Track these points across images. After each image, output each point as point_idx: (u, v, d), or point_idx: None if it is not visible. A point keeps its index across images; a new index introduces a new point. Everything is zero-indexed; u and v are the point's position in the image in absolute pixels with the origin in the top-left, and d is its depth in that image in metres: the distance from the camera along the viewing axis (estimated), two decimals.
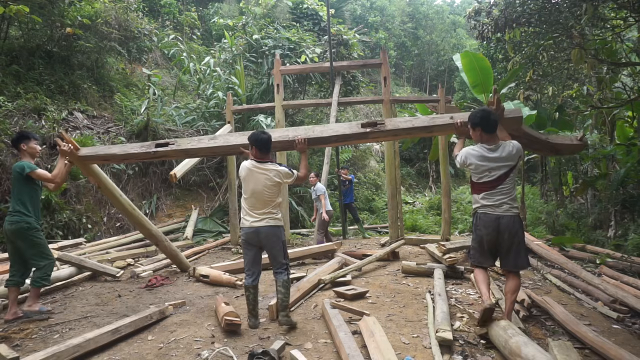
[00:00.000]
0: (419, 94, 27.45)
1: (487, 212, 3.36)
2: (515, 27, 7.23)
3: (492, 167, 3.34)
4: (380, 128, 3.84)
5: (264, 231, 3.65)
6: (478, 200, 3.44)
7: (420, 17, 30.19)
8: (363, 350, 3.00)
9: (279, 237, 3.70)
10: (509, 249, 3.33)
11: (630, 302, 4.03)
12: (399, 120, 4.02)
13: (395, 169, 8.01)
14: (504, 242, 3.32)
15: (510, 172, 3.35)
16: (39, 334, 3.64)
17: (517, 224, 3.33)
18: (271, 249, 3.70)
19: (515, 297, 3.37)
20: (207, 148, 4.13)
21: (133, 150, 4.18)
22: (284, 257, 3.73)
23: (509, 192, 3.34)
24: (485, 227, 3.36)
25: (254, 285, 3.70)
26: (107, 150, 4.31)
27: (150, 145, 4.16)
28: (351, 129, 3.98)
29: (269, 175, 3.67)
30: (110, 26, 9.89)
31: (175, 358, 3.11)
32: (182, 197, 10.32)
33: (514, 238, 3.30)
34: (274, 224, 3.68)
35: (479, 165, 3.38)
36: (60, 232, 7.21)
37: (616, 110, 8.59)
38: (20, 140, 4.16)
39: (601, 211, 8.28)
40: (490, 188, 3.35)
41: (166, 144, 4.13)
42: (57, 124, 8.13)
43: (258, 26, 12.76)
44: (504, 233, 3.29)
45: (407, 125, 3.90)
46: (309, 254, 6.22)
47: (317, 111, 14.68)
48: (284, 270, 3.70)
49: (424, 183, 18.56)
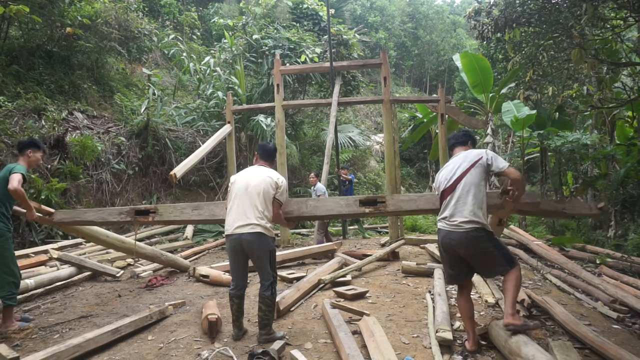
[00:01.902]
0: (419, 94, 27.45)
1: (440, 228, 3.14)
2: (515, 27, 7.23)
3: (448, 172, 3.16)
4: (380, 208, 3.51)
5: (248, 239, 3.28)
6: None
7: (420, 17, 30.22)
8: (363, 350, 3.00)
9: (267, 247, 3.33)
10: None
11: (630, 302, 4.03)
12: (402, 198, 3.62)
13: (395, 169, 8.01)
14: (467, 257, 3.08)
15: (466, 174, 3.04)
16: (39, 334, 3.64)
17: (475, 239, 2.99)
18: (257, 259, 3.35)
19: (513, 294, 2.92)
20: (190, 220, 3.87)
21: (111, 218, 3.90)
22: (272, 268, 3.37)
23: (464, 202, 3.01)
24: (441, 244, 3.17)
25: (239, 295, 3.41)
26: (83, 216, 4.01)
27: (129, 212, 3.85)
28: (348, 207, 3.62)
29: (263, 178, 3.43)
30: (110, 26, 9.89)
31: (175, 358, 3.11)
32: (182, 197, 10.31)
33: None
34: (261, 231, 3.30)
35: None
36: (60, 232, 7.20)
37: (616, 110, 8.59)
38: (29, 147, 4.00)
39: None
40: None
41: (147, 211, 3.81)
42: (57, 124, 8.12)
43: (258, 26, 12.76)
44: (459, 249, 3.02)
45: (411, 207, 3.58)
46: (309, 254, 6.22)
47: (317, 111, 14.68)
48: (269, 285, 3.32)
49: (424, 183, 18.55)
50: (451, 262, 3.16)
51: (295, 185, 11.39)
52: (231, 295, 3.41)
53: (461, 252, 3.03)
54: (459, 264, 3.13)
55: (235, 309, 3.41)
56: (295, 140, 12.10)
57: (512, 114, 9.22)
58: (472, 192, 2.99)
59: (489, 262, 3.02)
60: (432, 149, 12.71)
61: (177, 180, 6.26)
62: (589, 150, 8.93)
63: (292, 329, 3.61)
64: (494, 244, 3.01)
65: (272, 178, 3.44)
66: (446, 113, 8.41)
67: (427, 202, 3.55)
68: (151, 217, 3.70)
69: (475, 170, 3.04)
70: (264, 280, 3.35)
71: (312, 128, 14.37)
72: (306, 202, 3.75)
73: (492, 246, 2.99)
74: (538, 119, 9.16)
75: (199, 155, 7.16)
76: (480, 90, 10.69)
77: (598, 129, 9.58)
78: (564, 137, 8.57)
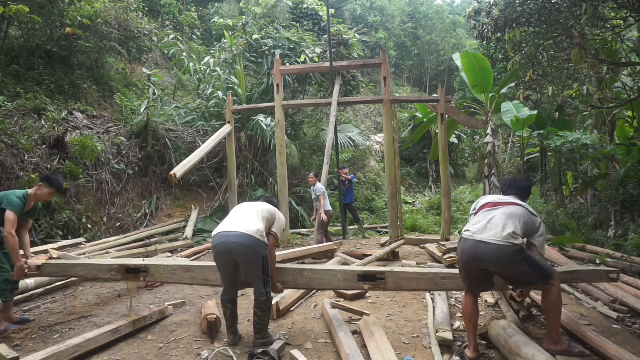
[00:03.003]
0: (419, 93, 27.47)
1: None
2: (515, 27, 7.23)
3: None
4: (380, 285, 3.35)
5: (237, 245, 3.11)
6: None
7: (420, 17, 30.25)
8: (363, 350, 3.00)
9: (258, 252, 3.17)
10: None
11: (630, 302, 4.03)
12: (402, 276, 3.39)
13: (395, 169, 8.01)
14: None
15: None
16: (39, 334, 3.64)
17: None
18: (247, 266, 3.21)
19: (555, 317, 2.92)
20: (181, 282, 3.80)
21: (101, 275, 3.80)
22: (264, 273, 3.22)
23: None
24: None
25: (231, 299, 3.31)
26: (73, 271, 3.88)
27: (119, 269, 3.70)
28: (346, 282, 3.43)
29: (261, 205, 3.51)
30: (110, 26, 9.88)
31: (175, 358, 3.11)
32: (182, 197, 10.31)
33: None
34: (253, 235, 3.15)
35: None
36: (60, 232, 7.20)
37: (616, 110, 8.58)
38: (45, 181, 3.94)
39: (601, 211, 8.26)
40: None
41: (137, 270, 3.66)
42: (57, 124, 8.12)
43: (258, 26, 12.76)
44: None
45: (411, 287, 3.42)
46: (309, 254, 6.21)
47: (317, 111, 14.67)
48: (263, 289, 3.20)
49: (424, 183, 18.55)
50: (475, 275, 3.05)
51: (295, 186, 11.38)
52: (224, 301, 3.30)
53: (491, 267, 2.94)
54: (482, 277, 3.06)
55: (229, 314, 3.30)
56: (295, 140, 12.09)
57: (512, 114, 9.22)
58: (511, 219, 2.93)
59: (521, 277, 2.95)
60: (432, 149, 12.71)
61: (177, 180, 6.27)
62: (589, 150, 8.92)
63: (292, 329, 3.61)
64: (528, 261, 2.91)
65: (272, 215, 3.45)
66: (446, 113, 8.41)
67: (429, 283, 3.38)
68: (142, 276, 3.63)
69: (523, 213, 3.00)
70: (258, 285, 3.21)
71: (312, 128, 14.36)
72: (302, 273, 3.52)
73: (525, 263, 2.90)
74: (538, 119, 9.16)
75: (199, 155, 7.17)
76: (480, 90, 10.69)
77: (598, 129, 9.57)
78: (564, 137, 8.56)
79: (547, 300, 2.94)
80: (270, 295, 3.26)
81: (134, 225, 8.84)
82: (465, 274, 3.07)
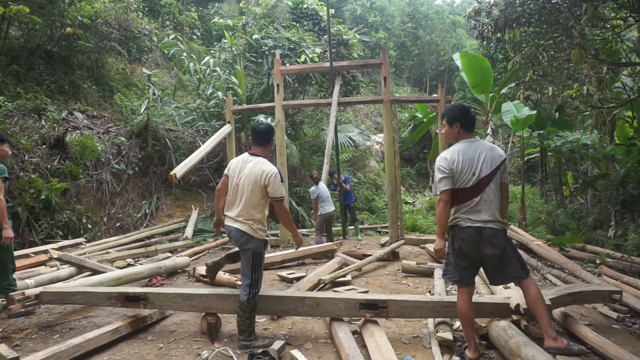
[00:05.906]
0: (419, 93, 27.48)
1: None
2: (515, 27, 7.23)
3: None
4: (382, 313, 3.35)
5: (234, 234, 3.24)
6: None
7: (420, 17, 30.26)
8: (363, 350, 3.00)
9: (250, 247, 3.18)
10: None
11: (630, 302, 4.02)
12: (405, 302, 3.37)
13: (395, 169, 8.01)
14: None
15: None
16: (39, 334, 3.64)
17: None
18: (242, 254, 3.25)
19: (546, 311, 2.91)
20: (182, 310, 3.71)
21: (100, 303, 3.75)
22: (252, 271, 3.17)
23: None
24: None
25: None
26: (72, 298, 3.78)
27: (118, 297, 3.62)
28: (348, 310, 3.39)
29: (253, 170, 3.24)
30: (110, 26, 9.88)
31: (175, 358, 3.11)
32: (182, 197, 10.31)
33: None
34: (246, 230, 3.18)
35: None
36: (60, 232, 7.20)
37: (616, 110, 8.58)
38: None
39: (601, 211, 8.27)
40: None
41: (137, 298, 3.59)
42: (57, 124, 8.12)
43: (258, 26, 12.76)
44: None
45: (414, 315, 3.42)
46: (309, 254, 6.22)
47: (317, 111, 14.68)
48: (247, 288, 3.14)
49: (424, 183, 18.56)
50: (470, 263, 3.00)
51: (295, 185, 11.38)
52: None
53: (487, 252, 2.89)
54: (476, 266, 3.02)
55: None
56: (295, 140, 12.09)
57: (512, 114, 9.23)
58: (497, 197, 2.93)
59: (508, 265, 2.94)
60: (432, 149, 12.72)
61: (177, 180, 6.27)
62: (589, 150, 8.93)
63: (292, 329, 3.61)
64: (512, 248, 2.98)
65: (265, 174, 3.19)
66: None
67: (431, 311, 3.38)
68: (142, 304, 3.59)
69: (497, 176, 2.93)
70: (243, 282, 3.20)
71: (312, 128, 14.37)
72: (303, 301, 3.44)
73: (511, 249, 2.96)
74: (538, 119, 9.16)
75: (199, 155, 7.17)
76: (480, 90, 10.70)
77: (598, 129, 9.58)
78: (564, 137, 8.57)
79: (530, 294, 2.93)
80: (252, 297, 3.17)
81: (134, 225, 8.84)
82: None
